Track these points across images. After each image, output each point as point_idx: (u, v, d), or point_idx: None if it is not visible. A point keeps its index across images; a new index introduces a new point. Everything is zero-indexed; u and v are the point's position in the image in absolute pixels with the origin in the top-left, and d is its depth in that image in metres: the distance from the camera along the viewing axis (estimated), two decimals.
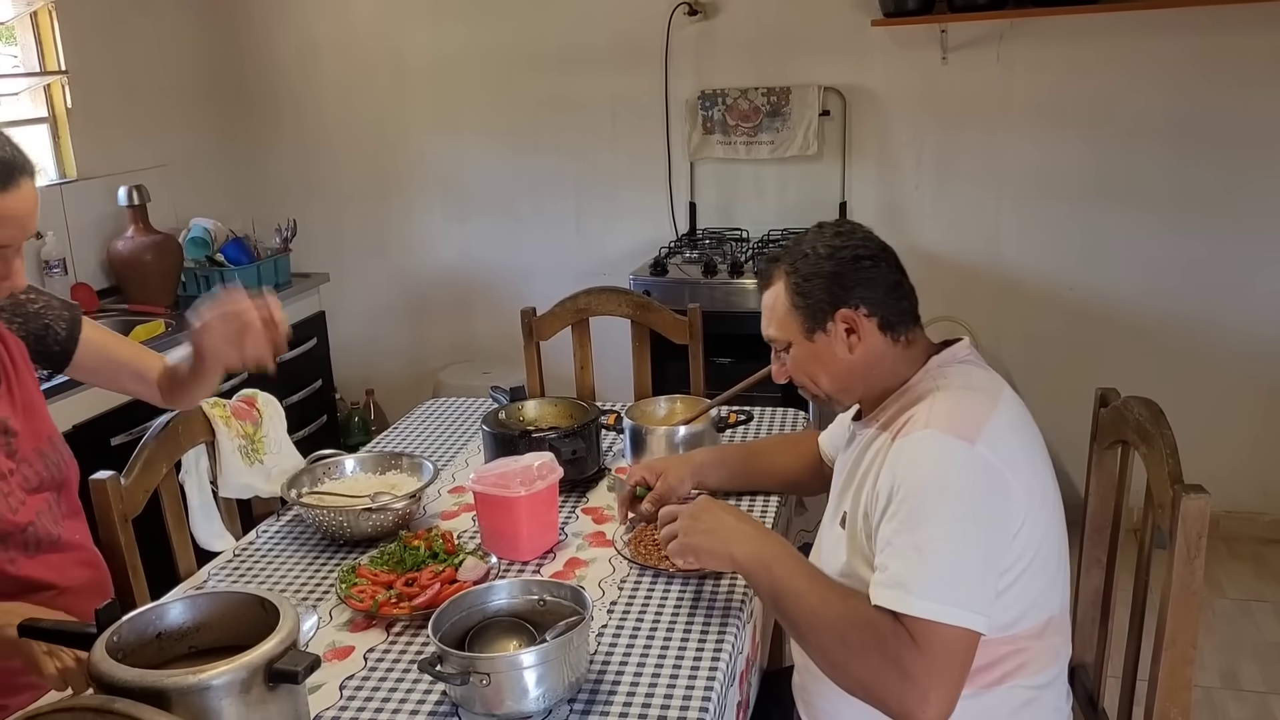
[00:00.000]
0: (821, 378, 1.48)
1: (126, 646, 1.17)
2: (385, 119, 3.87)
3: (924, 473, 1.28)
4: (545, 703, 1.28)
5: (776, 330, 1.49)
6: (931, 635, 1.22)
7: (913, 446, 1.31)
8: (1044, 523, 1.35)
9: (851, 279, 1.43)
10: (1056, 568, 1.40)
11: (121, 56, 3.45)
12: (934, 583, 1.22)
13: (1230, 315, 3.22)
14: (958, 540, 1.25)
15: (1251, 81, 3.06)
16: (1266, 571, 3.18)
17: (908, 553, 1.25)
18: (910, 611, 1.22)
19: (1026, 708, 1.40)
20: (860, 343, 1.44)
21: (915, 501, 1.27)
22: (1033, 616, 1.36)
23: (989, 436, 1.29)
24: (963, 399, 1.36)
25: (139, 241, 3.22)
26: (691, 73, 3.53)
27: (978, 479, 1.27)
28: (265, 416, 1.99)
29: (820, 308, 1.43)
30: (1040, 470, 1.37)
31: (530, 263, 3.84)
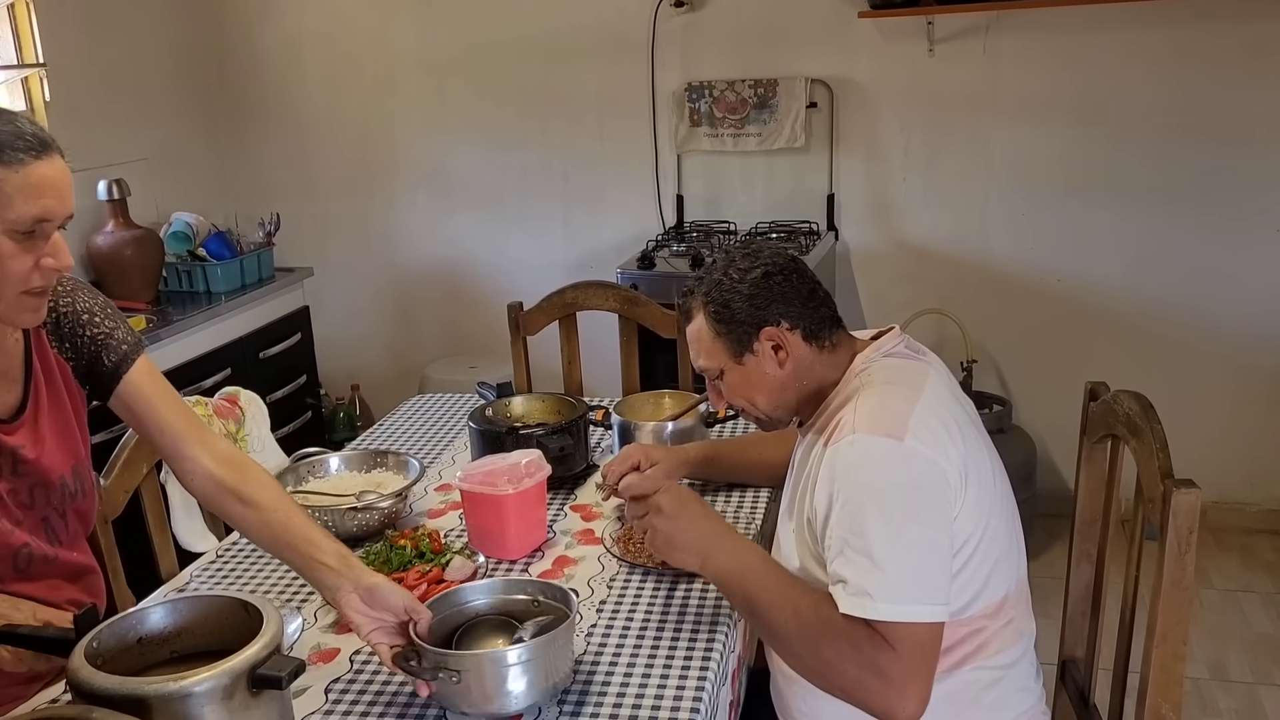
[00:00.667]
0: (758, 398, 1.50)
1: (106, 652, 1.15)
2: (370, 111, 3.84)
3: (858, 477, 1.31)
4: (522, 703, 1.26)
5: (706, 360, 1.51)
6: (901, 635, 1.25)
7: (843, 453, 1.33)
8: (986, 500, 1.38)
9: (766, 297, 1.45)
10: (1006, 544, 1.42)
11: (101, 49, 3.40)
12: (892, 585, 1.25)
13: (1217, 306, 3.23)
14: (904, 538, 1.27)
15: (1234, 72, 3.06)
16: (1254, 562, 3.19)
17: (859, 560, 1.27)
18: (877, 617, 1.25)
19: (992, 689, 1.41)
20: (789, 357, 1.46)
21: (855, 507, 1.30)
22: (986, 596, 1.39)
23: (915, 428, 1.32)
24: (885, 395, 1.38)
25: (119, 236, 3.18)
26: (678, 65, 3.51)
27: (911, 474, 1.30)
28: (248, 415, 1.97)
29: (744, 331, 1.46)
30: (975, 447, 1.39)
31: (517, 257, 3.81)
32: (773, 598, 1.35)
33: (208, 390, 1.99)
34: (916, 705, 1.25)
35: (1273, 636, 2.82)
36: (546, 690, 1.28)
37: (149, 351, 1.65)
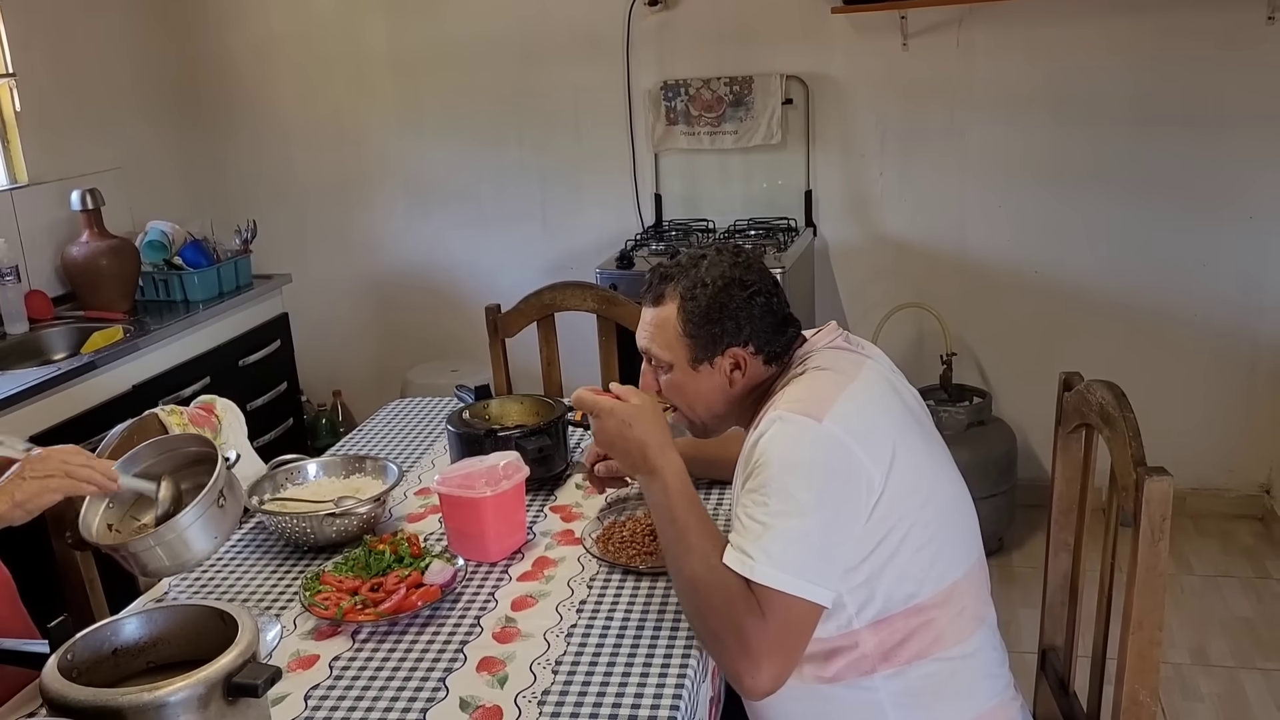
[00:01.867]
0: (697, 405, 1.52)
1: (81, 664, 1.14)
2: (344, 115, 3.83)
3: (773, 450, 1.33)
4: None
5: (660, 350, 1.50)
6: (775, 604, 1.28)
7: (766, 428, 1.36)
8: (919, 488, 1.38)
9: (744, 315, 1.45)
10: (951, 532, 1.43)
11: (71, 58, 3.38)
12: (775, 551, 1.28)
13: (1193, 294, 3.25)
14: (802, 514, 1.30)
15: (1206, 61, 3.08)
16: (1233, 547, 3.21)
17: (752, 523, 1.31)
18: (752, 576, 1.28)
19: (954, 679, 1.42)
20: (743, 377, 1.48)
21: (763, 475, 1.32)
22: (932, 585, 1.40)
23: (838, 413, 1.34)
24: (813, 380, 1.41)
25: (94, 246, 3.16)
26: (653, 63, 3.51)
27: (824, 455, 1.32)
28: (225, 423, 1.96)
29: (711, 343, 1.46)
30: (908, 436, 1.40)
31: (495, 258, 3.81)
32: (690, 520, 1.37)
33: (186, 400, 1.98)
34: (769, 680, 1.28)
35: (1252, 620, 2.84)
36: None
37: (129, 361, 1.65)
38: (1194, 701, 2.53)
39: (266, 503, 1.79)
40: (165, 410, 1.87)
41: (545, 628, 1.48)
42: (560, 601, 1.54)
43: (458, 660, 1.41)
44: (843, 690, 1.41)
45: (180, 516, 1.36)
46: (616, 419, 1.43)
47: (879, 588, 1.37)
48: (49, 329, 3.05)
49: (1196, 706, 2.51)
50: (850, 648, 1.39)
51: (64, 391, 2.63)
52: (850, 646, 1.39)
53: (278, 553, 1.75)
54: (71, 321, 3.09)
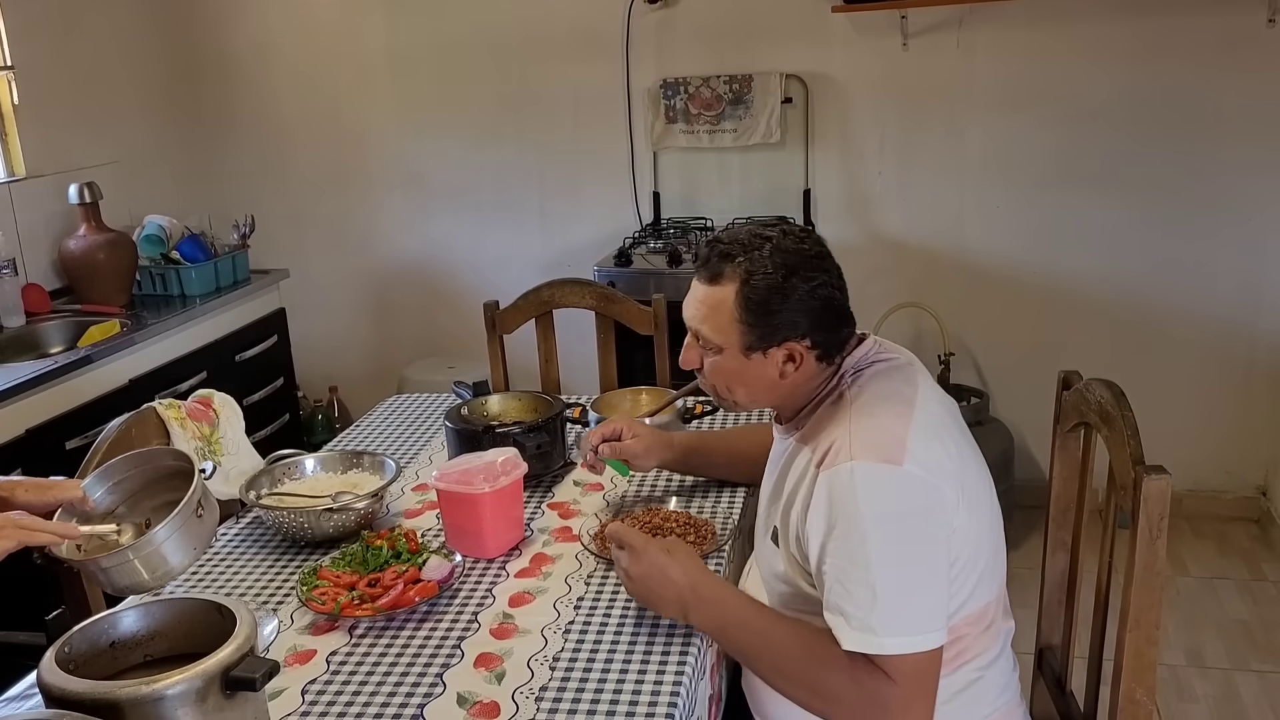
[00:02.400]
0: (739, 391, 1.45)
1: (79, 657, 1.14)
2: (343, 112, 3.82)
3: (859, 507, 1.26)
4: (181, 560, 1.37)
5: (711, 333, 1.41)
6: (904, 666, 1.25)
7: (843, 479, 1.28)
8: (978, 512, 1.37)
9: (805, 307, 1.37)
10: (993, 551, 1.42)
11: (70, 51, 3.37)
12: (895, 617, 1.24)
13: (1190, 294, 3.26)
14: (906, 568, 1.26)
15: (1205, 63, 3.08)
16: (1229, 549, 3.22)
17: (861, 592, 1.25)
18: (882, 651, 1.24)
19: (968, 689, 1.42)
20: (795, 371, 1.41)
21: (856, 537, 1.26)
22: (972, 604, 1.39)
23: (913, 450, 1.28)
24: (879, 414, 1.33)
25: (91, 240, 3.15)
26: (652, 61, 3.51)
27: (911, 500, 1.28)
28: (222, 417, 1.95)
29: (769, 333, 1.38)
30: (967, 459, 1.38)
31: (494, 255, 3.81)
32: (760, 643, 1.34)
33: (185, 394, 1.97)
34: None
35: (1248, 622, 2.84)
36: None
37: (125, 355, 1.64)
38: (1189, 703, 2.53)
39: (264, 497, 1.79)
40: (163, 404, 1.87)
41: (543, 624, 1.47)
42: (558, 598, 1.54)
43: (455, 656, 1.40)
44: None
45: (156, 530, 1.34)
46: (649, 560, 1.40)
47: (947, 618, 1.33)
48: (46, 322, 3.04)
49: (1191, 708, 2.51)
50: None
51: (61, 385, 2.63)
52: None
53: (275, 547, 1.75)
54: (68, 315, 3.09)
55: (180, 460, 1.48)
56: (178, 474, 1.46)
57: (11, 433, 2.50)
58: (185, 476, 1.42)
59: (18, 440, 2.50)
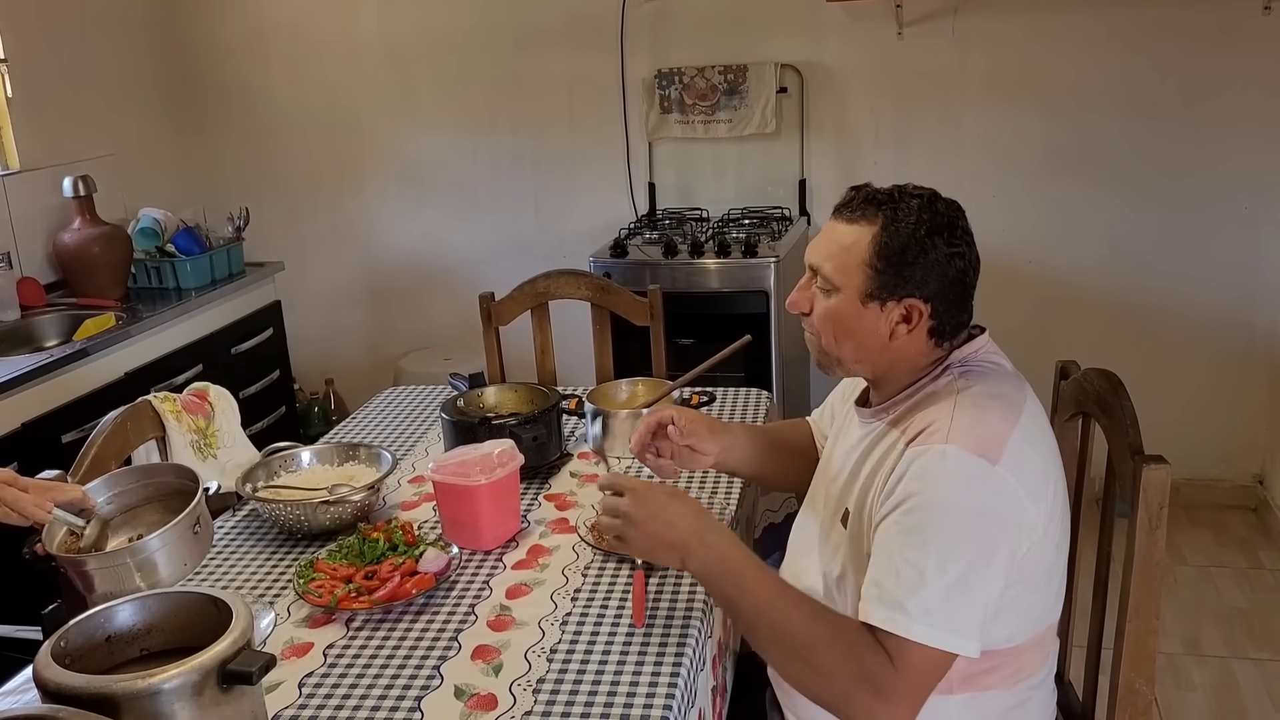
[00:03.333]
0: (846, 344, 1.37)
1: (75, 651, 1.13)
2: (338, 103, 3.81)
3: (940, 491, 1.22)
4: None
5: (833, 271, 1.34)
6: (914, 658, 1.20)
7: (933, 460, 1.24)
8: (1062, 540, 1.33)
9: (938, 270, 1.31)
10: (1060, 579, 1.38)
11: (64, 44, 3.36)
12: (934, 608, 1.19)
13: (1187, 284, 3.25)
14: (963, 566, 1.20)
15: (1203, 51, 3.08)
16: (1226, 538, 3.22)
17: (908, 571, 1.21)
18: (906, 635, 1.20)
19: (1019, 708, 1.39)
20: (906, 335, 1.34)
21: (926, 517, 1.22)
22: (1033, 628, 1.35)
23: (1011, 456, 1.23)
24: (986, 410, 1.28)
25: (86, 233, 3.14)
26: (647, 52, 3.50)
27: (994, 504, 1.22)
28: (217, 410, 1.95)
29: (894, 284, 1.31)
30: (1058, 487, 1.32)
31: (489, 246, 3.80)
32: (758, 598, 1.29)
33: (180, 387, 1.96)
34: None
35: (1245, 610, 2.85)
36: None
37: (121, 349, 1.63)
38: (1187, 691, 2.53)
39: (260, 490, 1.78)
40: (158, 398, 1.86)
41: (540, 616, 1.47)
42: (555, 589, 1.54)
43: (452, 648, 1.40)
44: None
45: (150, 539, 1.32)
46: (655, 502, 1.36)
47: (994, 627, 1.28)
48: (41, 316, 3.03)
49: (1189, 696, 2.52)
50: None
51: (56, 379, 2.62)
52: None
53: (271, 540, 1.75)
54: (63, 308, 3.08)
55: (184, 479, 1.47)
56: (179, 493, 1.44)
57: (7, 426, 2.49)
58: (186, 496, 1.41)
59: (13, 434, 2.49)
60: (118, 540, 1.43)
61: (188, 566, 1.38)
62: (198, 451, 1.87)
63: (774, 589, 1.31)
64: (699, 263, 3.09)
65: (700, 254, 3.10)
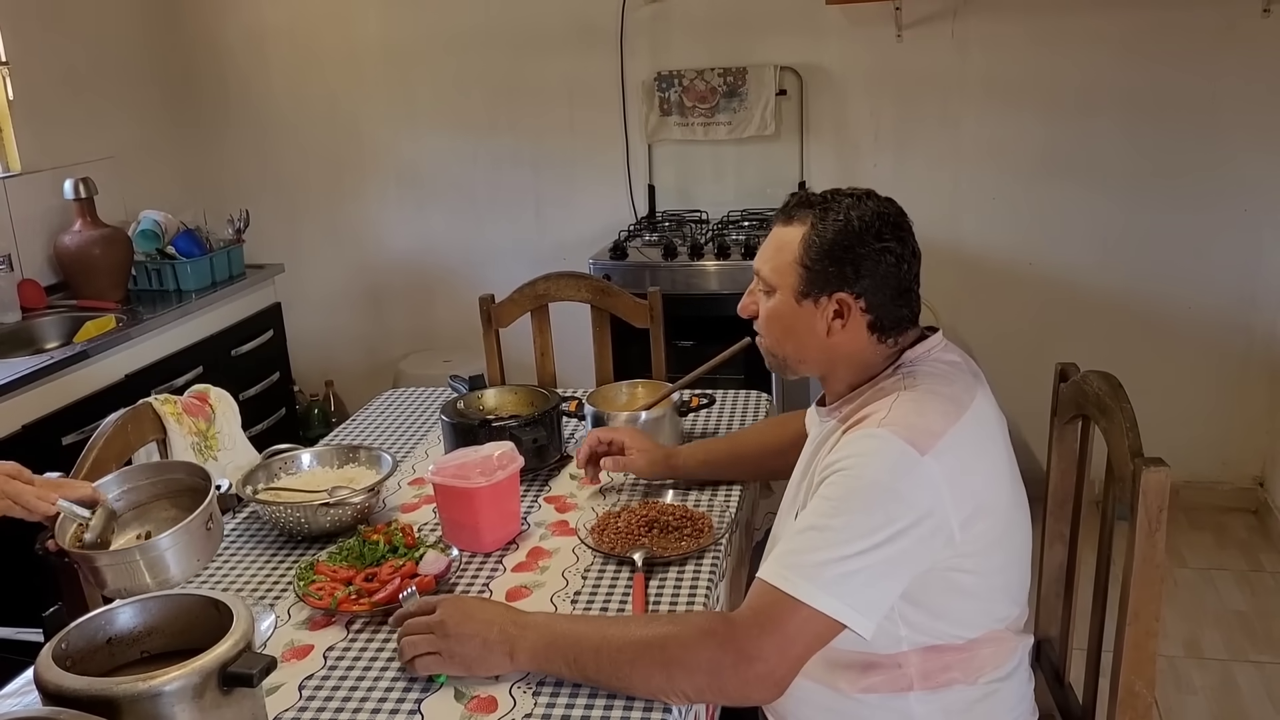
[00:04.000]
0: (788, 344, 1.42)
1: (75, 653, 1.13)
2: (337, 105, 3.81)
3: (861, 467, 1.25)
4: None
5: (770, 272, 1.40)
6: (792, 613, 1.21)
7: (861, 439, 1.27)
8: (996, 533, 1.33)
9: (867, 265, 1.34)
10: (1018, 571, 1.40)
11: (64, 46, 3.36)
12: (827, 573, 1.21)
13: (1187, 286, 3.26)
14: (866, 542, 1.22)
15: (1203, 53, 3.08)
16: (1226, 540, 3.22)
17: (812, 536, 1.24)
18: (793, 592, 1.21)
19: (985, 701, 1.40)
20: (842, 330, 1.37)
21: (842, 489, 1.25)
22: (988, 624, 1.37)
23: (942, 449, 1.25)
24: (926, 404, 1.30)
25: (87, 235, 3.14)
26: (647, 54, 3.50)
27: (912, 492, 1.24)
28: (218, 412, 1.95)
29: (823, 280, 1.35)
30: (1000, 482, 1.34)
31: (489, 248, 3.80)
32: (590, 642, 1.27)
33: (181, 389, 1.97)
34: (772, 680, 1.22)
35: (1246, 613, 2.85)
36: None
37: (121, 351, 1.63)
38: (1187, 694, 2.53)
39: (260, 492, 1.78)
40: (159, 400, 1.86)
41: None
42: (555, 592, 1.54)
43: None
44: (874, 702, 1.37)
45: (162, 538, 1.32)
46: (454, 606, 1.34)
47: (936, 624, 1.33)
48: (41, 318, 3.04)
49: (1189, 699, 2.52)
50: (892, 666, 1.35)
51: (56, 381, 2.62)
52: (892, 665, 1.35)
53: (271, 542, 1.75)
54: (64, 310, 3.08)
55: (195, 476, 1.47)
56: (190, 490, 1.45)
57: (8, 429, 2.49)
58: (197, 493, 1.41)
59: (14, 436, 2.50)
60: (126, 537, 1.43)
61: (199, 563, 1.39)
62: (198, 454, 1.87)
63: (603, 623, 1.33)
64: (699, 265, 3.09)
65: (700, 256, 3.10)
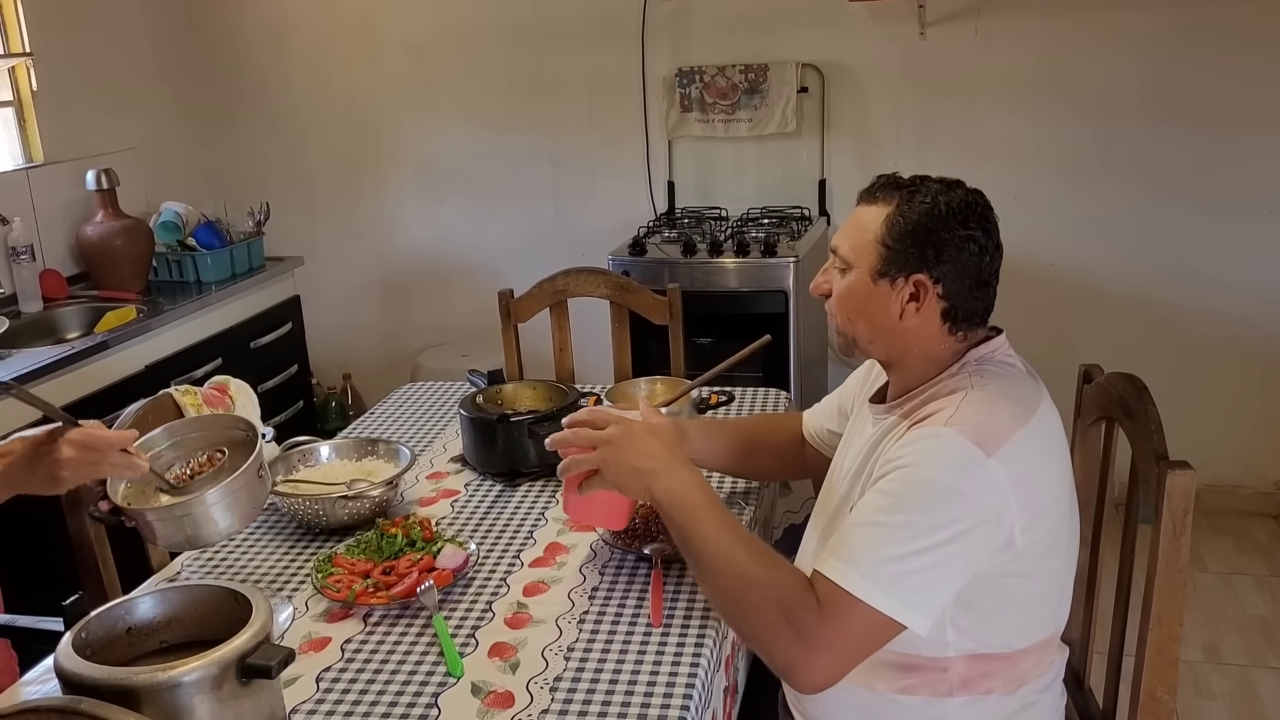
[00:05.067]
0: (860, 323, 1.39)
1: (95, 643, 1.14)
2: (357, 98, 3.82)
3: (927, 465, 1.23)
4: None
5: (849, 250, 1.38)
6: (850, 611, 1.20)
7: (927, 437, 1.25)
8: (1054, 551, 1.32)
9: (950, 251, 1.32)
10: (1064, 583, 1.38)
11: (88, 37, 3.38)
12: (886, 571, 1.20)
13: (1210, 289, 3.23)
14: (928, 541, 1.20)
15: (1228, 54, 3.05)
16: (1247, 545, 3.19)
17: (872, 532, 1.22)
18: (852, 590, 1.20)
19: (1027, 710, 1.38)
20: (916, 315, 1.34)
21: (905, 485, 1.23)
22: (1034, 635, 1.35)
23: (1009, 454, 1.22)
24: (995, 406, 1.28)
25: (109, 226, 3.16)
26: (668, 50, 3.49)
27: (977, 494, 1.22)
28: (238, 404, 1.94)
29: (903, 261, 1.33)
30: (1060, 491, 1.32)
31: (507, 243, 3.80)
32: (709, 529, 1.31)
33: (200, 380, 1.97)
34: (821, 677, 1.22)
35: (1266, 619, 2.82)
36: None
37: (142, 341, 1.63)
38: (1206, 700, 2.51)
39: (279, 484, 1.79)
40: (179, 390, 1.86)
41: (557, 614, 1.47)
42: (573, 588, 1.54)
43: (469, 645, 1.40)
44: (911, 704, 1.35)
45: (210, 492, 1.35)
46: (633, 429, 1.40)
47: (985, 631, 1.31)
48: (63, 308, 3.05)
49: (1209, 705, 2.49)
50: (936, 669, 1.33)
51: (77, 371, 2.63)
52: (936, 669, 1.33)
53: (289, 534, 1.75)
54: (85, 301, 3.10)
55: (242, 429, 1.50)
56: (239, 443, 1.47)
57: (28, 417, 2.50)
58: (245, 445, 1.44)
59: (34, 425, 2.50)
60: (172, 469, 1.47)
61: (249, 515, 1.42)
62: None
63: (728, 524, 1.33)
64: (718, 262, 3.08)
65: (719, 253, 3.09)
